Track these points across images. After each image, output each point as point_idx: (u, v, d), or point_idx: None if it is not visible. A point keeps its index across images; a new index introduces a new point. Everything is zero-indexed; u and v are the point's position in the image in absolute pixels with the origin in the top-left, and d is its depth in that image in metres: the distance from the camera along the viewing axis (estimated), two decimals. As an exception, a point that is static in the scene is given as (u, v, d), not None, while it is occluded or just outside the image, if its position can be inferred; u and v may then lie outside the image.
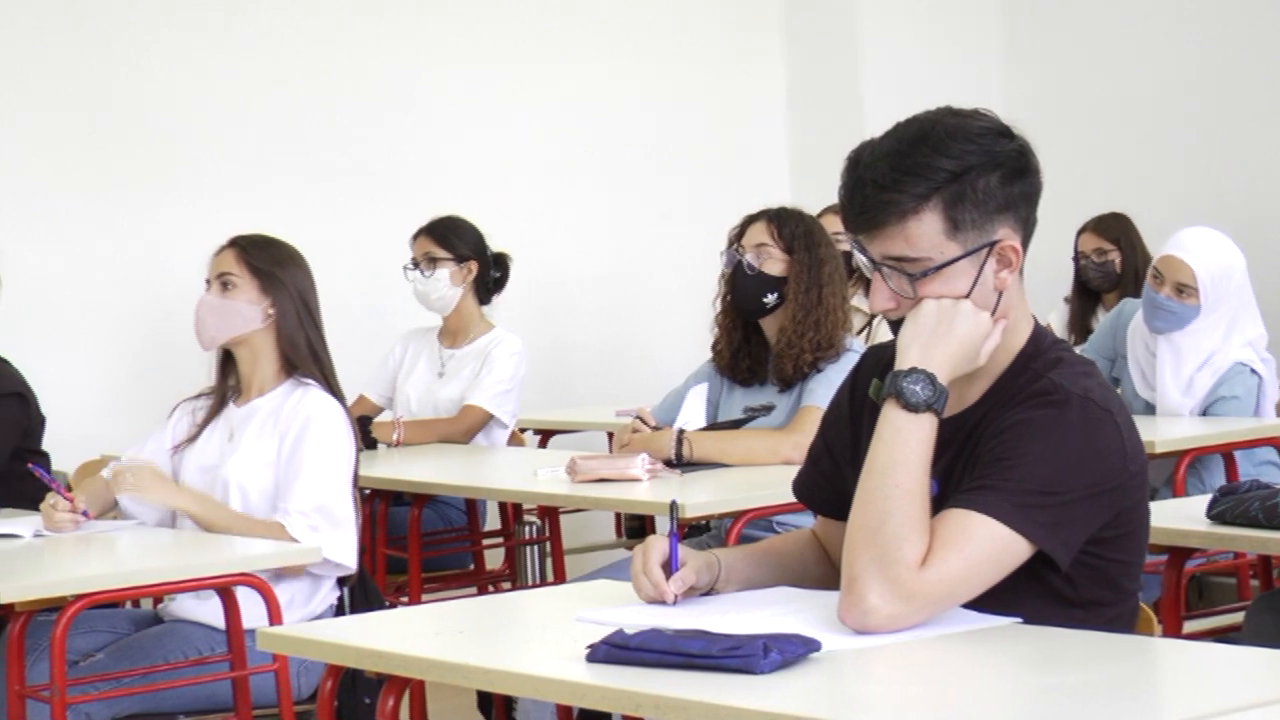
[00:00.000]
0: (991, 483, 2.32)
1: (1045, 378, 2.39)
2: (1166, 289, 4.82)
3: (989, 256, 2.39)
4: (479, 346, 5.36)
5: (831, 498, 2.59)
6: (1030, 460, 2.32)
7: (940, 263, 2.38)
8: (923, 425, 2.34)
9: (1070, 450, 2.33)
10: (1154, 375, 4.94)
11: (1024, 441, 2.34)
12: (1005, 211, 2.40)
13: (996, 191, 2.39)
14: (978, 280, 2.39)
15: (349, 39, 6.46)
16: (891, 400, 2.36)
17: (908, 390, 2.35)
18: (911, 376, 2.35)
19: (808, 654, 2.18)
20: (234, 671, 3.55)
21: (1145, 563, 2.50)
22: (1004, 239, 2.40)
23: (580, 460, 4.15)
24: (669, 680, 2.12)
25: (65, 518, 3.78)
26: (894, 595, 2.27)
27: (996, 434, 2.37)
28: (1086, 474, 2.33)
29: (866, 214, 2.39)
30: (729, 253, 4.35)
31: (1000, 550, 2.31)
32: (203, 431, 3.97)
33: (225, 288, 3.91)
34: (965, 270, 2.39)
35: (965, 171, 2.37)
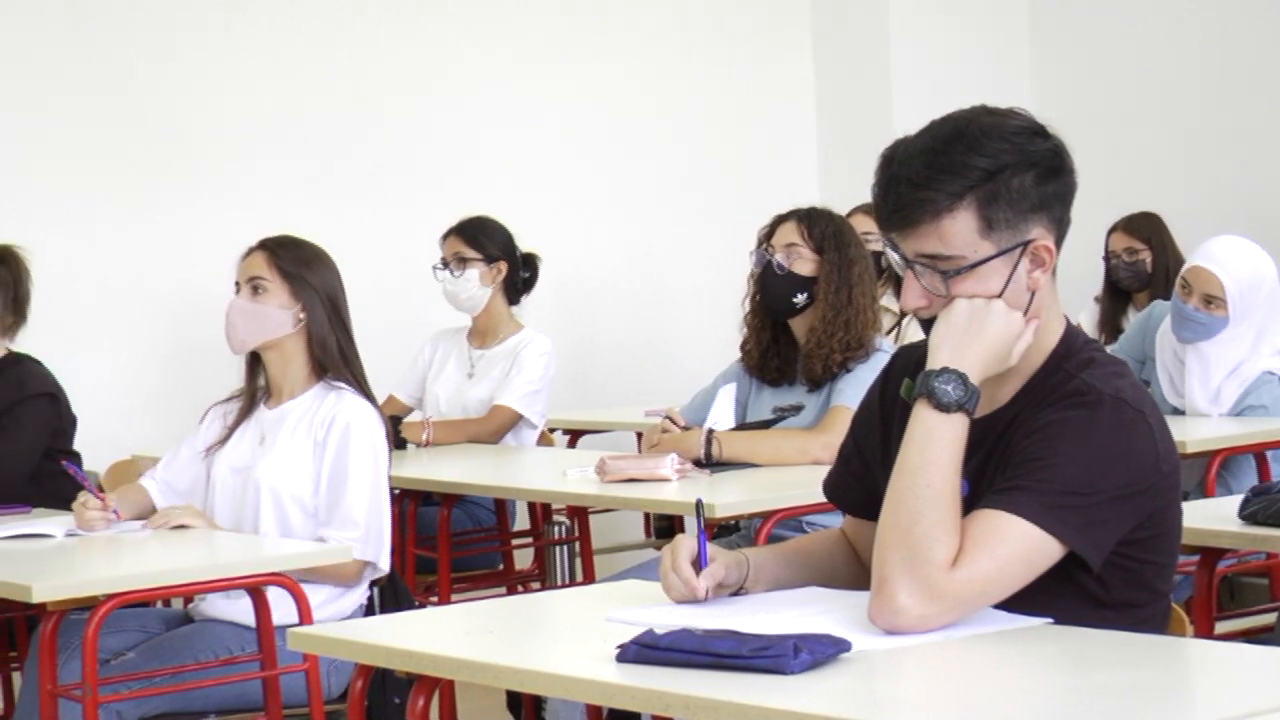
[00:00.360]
0: (1023, 483, 2.32)
1: (1078, 378, 2.38)
2: (1194, 300, 4.80)
3: (1022, 256, 2.39)
4: (508, 347, 5.36)
5: (862, 498, 2.59)
6: (1062, 460, 2.31)
7: (974, 261, 2.37)
8: (954, 425, 2.34)
9: (1103, 451, 2.32)
10: (1182, 382, 4.93)
11: (1056, 442, 2.33)
12: (1039, 211, 2.39)
13: (1031, 191, 2.38)
14: (1011, 279, 2.38)
15: (380, 39, 6.47)
16: (923, 400, 2.35)
17: (939, 390, 2.34)
18: (943, 376, 2.35)
19: (838, 654, 2.18)
20: (264, 671, 3.55)
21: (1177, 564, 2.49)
22: (1038, 238, 2.39)
23: (609, 460, 4.16)
24: (699, 680, 2.12)
25: (97, 516, 3.80)
26: (925, 595, 2.26)
27: (1028, 434, 2.37)
28: (1119, 475, 2.32)
29: (900, 212, 2.38)
30: (758, 252, 4.35)
31: (1032, 551, 2.30)
32: (233, 434, 3.98)
33: (256, 291, 3.91)
34: (998, 269, 2.38)
35: (1000, 170, 2.36)
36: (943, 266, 2.38)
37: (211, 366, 5.16)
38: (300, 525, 3.86)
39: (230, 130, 6.16)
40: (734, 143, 7.25)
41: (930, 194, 2.35)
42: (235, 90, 6.18)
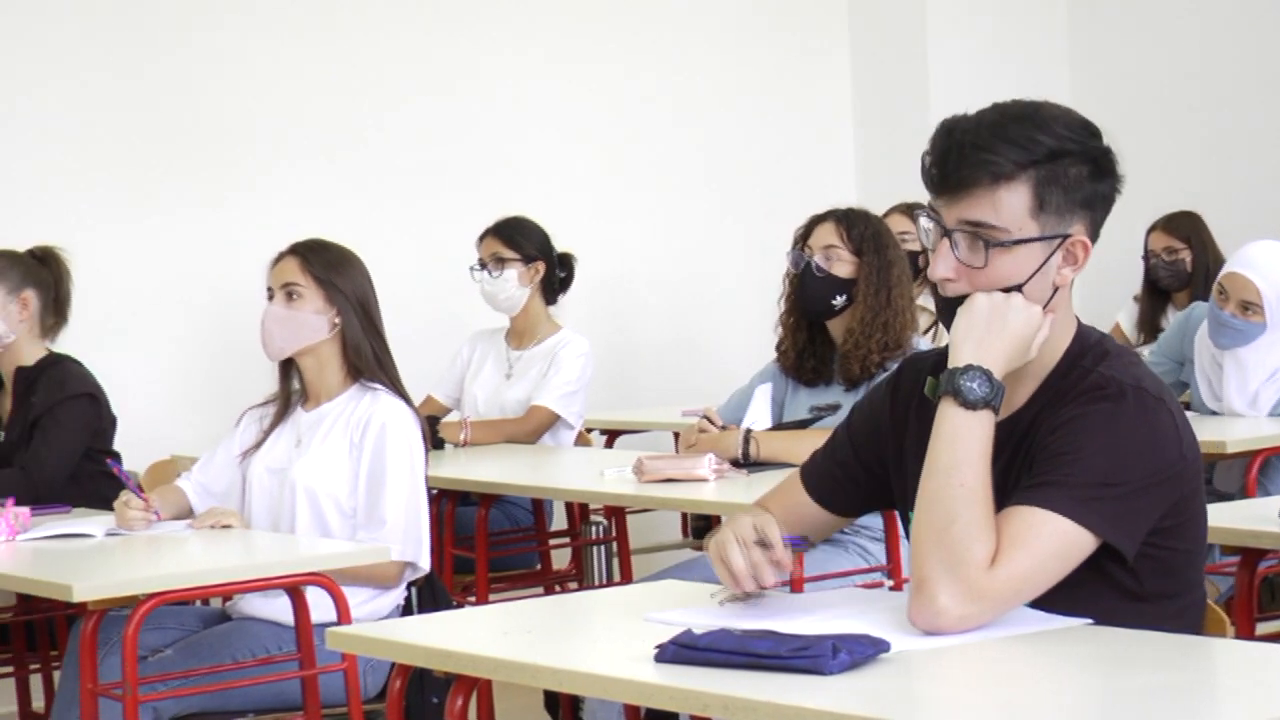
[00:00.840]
0: (1052, 478, 2.31)
1: (1096, 372, 2.38)
2: (1231, 306, 4.78)
3: (1059, 248, 2.39)
4: (546, 347, 5.36)
5: (834, 490, 2.62)
6: (1089, 453, 2.31)
7: (1018, 238, 2.37)
8: (982, 422, 2.33)
9: (1128, 441, 2.32)
10: (1220, 386, 4.91)
11: (1082, 435, 2.33)
12: (1086, 208, 2.40)
13: (1085, 184, 2.39)
14: (1041, 269, 2.38)
15: (414, 40, 6.48)
16: (948, 398, 2.35)
17: (965, 388, 2.34)
18: (968, 374, 2.34)
19: (877, 654, 2.17)
20: (303, 670, 3.56)
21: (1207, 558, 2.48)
22: (1077, 235, 2.39)
23: (647, 460, 4.15)
24: (737, 680, 2.12)
25: (138, 516, 3.81)
26: (965, 596, 2.26)
27: (1052, 431, 2.36)
28: (1146, 463, 2.32)
29: (959, 173, 2.37)
30: (795, 253, 4.33)
31: (1066, 545, 2.30)
32: (269, 436, 3.99)
33: (290, 298, 3.91)
34: (1035, 255, 2.39)
35: (1062, 154, 2.37)
36: (986, 235, 2.37)
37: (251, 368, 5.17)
38: (337, 526, 3.87)
39: (268, 132, 6.18)
40: (771, 142, 7.25)
41: (993, 159, 2.35)
42: (274, 93, 6.19)
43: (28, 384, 4.60)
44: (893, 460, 2.52)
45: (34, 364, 4.63)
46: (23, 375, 4.62)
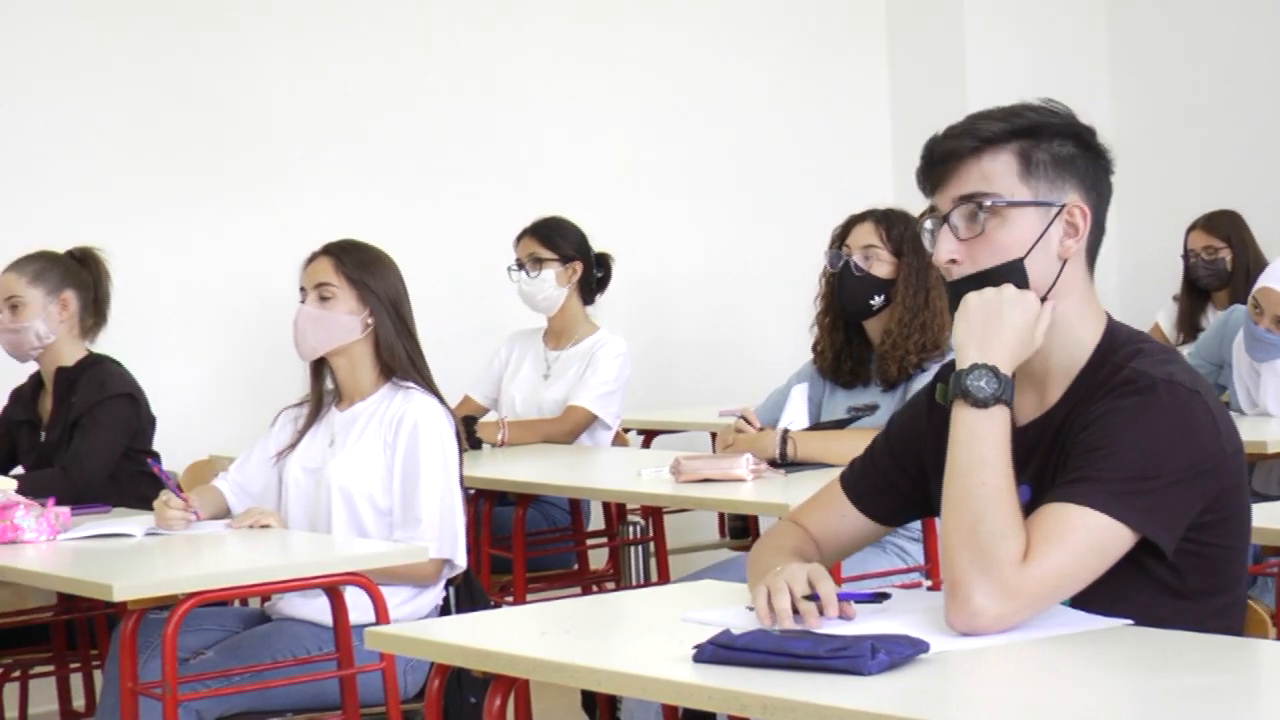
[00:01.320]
0: (1086, 474, 2.31)
1: (1128, 368, 2.37)
2: (1266, 321, 4.77)
3: (1057, 217, 2.40)
4: (584, 348, 5.37)
5: (874, 495, 2.63)
6: (1123, 448, 2.30)
7: (1011, 200, 2.39)
8: (995, 419, 2.33)
9: (1162, 434, 2.31)
10: (1257, 393, 4.91)
11: (1114, 430, 2.32)
12: (1079, 180, 2.43)
13: (1076, 159, 2.43)
14: (1041, 239, 2.38)
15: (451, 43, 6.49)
16: (959, 400, 2.35)
17: (973, 387, 2.34)
18: (974, 373, 2.34)
19: (915, 655, 2.17)
20: (341, 670, 3.57)
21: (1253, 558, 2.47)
22: (1074, 204, 2.40)
23: (684, 460, 4.15)
24: (775, 681, 2.12)
25: (177, 516, 3.83)
26: (1000, 594, 2.25)
27: (1084, 427, 2.36)
28: (1182, 456, 2.31)
29: (943, 157, 2.42)
30: (833, 253, 4.33)
31: (1102, 540, 2.29)
32: (304, 436, 4.00)
33: (323, 298, 3.92)
34: (1033, 222, 2.40)
35: (1045, 126, 2.42)
36: (979, 201, 2.39)
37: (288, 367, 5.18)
38: (373, 525, 3.88)
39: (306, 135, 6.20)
40: (809, 142, 7.24)
41: (971, 134, 2.41)
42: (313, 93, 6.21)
43: (68, 384, 4.62)
44: (932, 467, 2.52)
45: (74, 364, 4.65)
46: (63, 375, 4.64)
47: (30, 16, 5.76)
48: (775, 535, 2.67)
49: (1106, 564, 2.30)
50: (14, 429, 4.76)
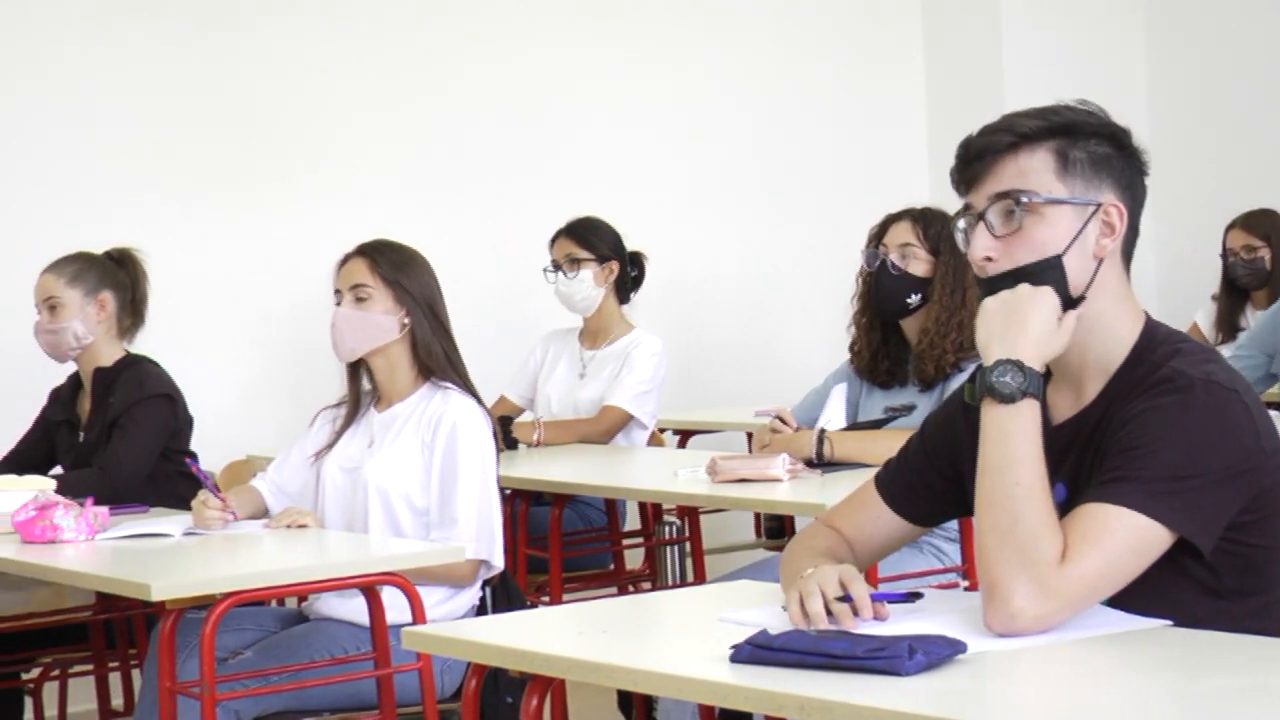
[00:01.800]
0: (1123, 474, 2.29)
1: (1165, 367, 2.36)
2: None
3: (1094, 216, 2.39)
4: (620, 347, 5.37)
5: (912, 498, 2.62)
6: (1161, 447, 2.29)
7: (1048, 197, 2.38)
8: (1023, 414, 2.32)
9: (1200, 433, 2.29)
10: None
11: (1152, 429, 2.31)
12: (1114, 180, 2.42)
13: (1111, 158, 2.42)
14: (1078, 238, 2.38)
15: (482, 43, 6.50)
16: (987, 398, 2.34)
17: (998, 383, 2.33)
18: (998, 369, 2.33)
19: (953, 655, 2.16)
20: (378, 670, 3.58)
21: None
22: (1110, 203, 2.40)
23: (720, 460, 4.15)
24: (812, 681, 2.11)
25: (215, 515, 3.84)
26: (1039, 595, 2.24)
27: (1121, 426, 2.34)
28: (1220, 455, 2.29)
29: (980, 153, 2.41)
30: (869, 251, 4.32)
31: (1140, 540, 2.28)
32: (341, 437, 4.01)
33: (359, 299, 3.92)
34: (1069, 220, 2.39)
35: (1081, 126, 2.42)
36: (1016, 196, 2.38)
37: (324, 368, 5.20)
38: (410, 525, 3.89)
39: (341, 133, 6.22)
40: (845, 141, 7.23)
41: (1009, 130, 2.41)
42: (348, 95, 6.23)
43: (106, 385, 4.64)
44: (968, 467, 2.50)
45: (112, 365, 4.67)
46: (101, 376, 4.66)
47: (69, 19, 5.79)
48: (808, 537, 2.66)
49: (1145, 564, 2.28)
50: (53, 429, 4.78)
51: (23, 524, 3.81)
